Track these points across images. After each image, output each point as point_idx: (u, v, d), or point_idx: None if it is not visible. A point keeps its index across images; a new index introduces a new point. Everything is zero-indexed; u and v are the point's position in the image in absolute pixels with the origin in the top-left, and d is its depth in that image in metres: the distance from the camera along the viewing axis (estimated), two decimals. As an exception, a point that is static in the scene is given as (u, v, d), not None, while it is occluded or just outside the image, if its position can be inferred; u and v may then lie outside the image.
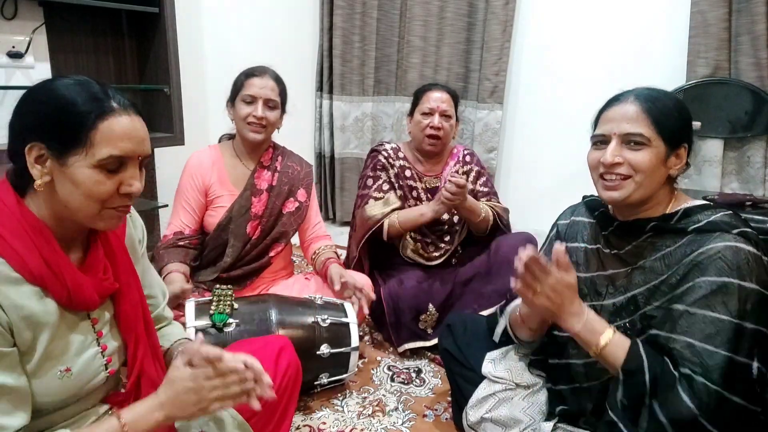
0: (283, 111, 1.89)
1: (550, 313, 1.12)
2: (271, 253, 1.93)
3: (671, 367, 1.03)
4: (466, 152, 2.25)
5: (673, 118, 1.12)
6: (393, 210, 2.07)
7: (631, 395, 1.05)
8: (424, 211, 2.02)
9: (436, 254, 2.18)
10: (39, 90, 0.87)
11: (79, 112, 0.84)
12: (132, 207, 1.11)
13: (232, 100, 1.86)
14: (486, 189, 2.21)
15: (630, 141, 1.12)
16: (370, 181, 2.16)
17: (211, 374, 0.91)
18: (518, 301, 1.34)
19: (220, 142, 2.00)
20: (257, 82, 1.80)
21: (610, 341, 1.08)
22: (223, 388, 0.92)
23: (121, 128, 0.86)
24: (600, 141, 1.17)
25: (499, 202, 2.20)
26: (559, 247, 1.10)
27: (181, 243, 1.81)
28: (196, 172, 1.85)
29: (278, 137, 2.00)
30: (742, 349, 1.00)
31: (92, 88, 0.87)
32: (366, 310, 1.77)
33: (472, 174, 2.21)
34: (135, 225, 1.11)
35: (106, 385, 1.00)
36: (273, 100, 1.81)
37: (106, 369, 0.98)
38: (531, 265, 1.09)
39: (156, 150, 2.55)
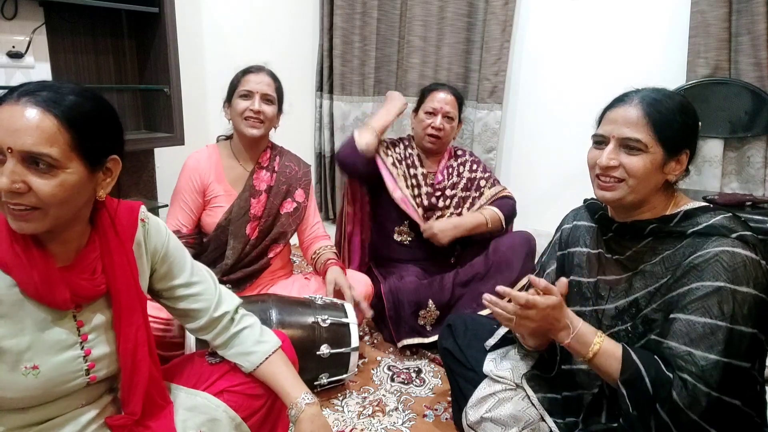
0: (280, 110, 1.90)
1: (538, 334, 1.15)
2: (270, 254, 1.93)
3: (664, 368, 1.03)
4: (457, 148, 2.34)
5: (675, 126, 1.10)
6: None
7: (638, 403, 1.05)
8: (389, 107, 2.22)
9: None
10: None
11: None
12: (147, 212, 1.07)
13: (229, 100, 1.87)
14: (487, 174, 2.27)
15: (627, 145, 1.11)
16: None
17: None
18: None
19: (217, 142, 1.99)
20: (253, 78, 1.82)
21: (599, 351, 1.09)
22: None
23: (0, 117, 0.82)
24: (599, 141, 1.16)
25: (500, 184, 2.27)
26: (535, 278, 1.13)
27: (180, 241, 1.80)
28: (194, 172, 1.85)
29: (278, 137, 2.00)
30: (739, 353, 1.00)
31: (20, 86, 0.84)
32: (367, 313, 1.82)
33: (467, 165, 2.28)
34: (149, 231, 1.06)
35: (90, 388, 0.98)
36: (269, 95, 1.83)
37: (87, 374, 0.95)
38: (508, 303, 1.11)
39: (156, 150, 2.56)
